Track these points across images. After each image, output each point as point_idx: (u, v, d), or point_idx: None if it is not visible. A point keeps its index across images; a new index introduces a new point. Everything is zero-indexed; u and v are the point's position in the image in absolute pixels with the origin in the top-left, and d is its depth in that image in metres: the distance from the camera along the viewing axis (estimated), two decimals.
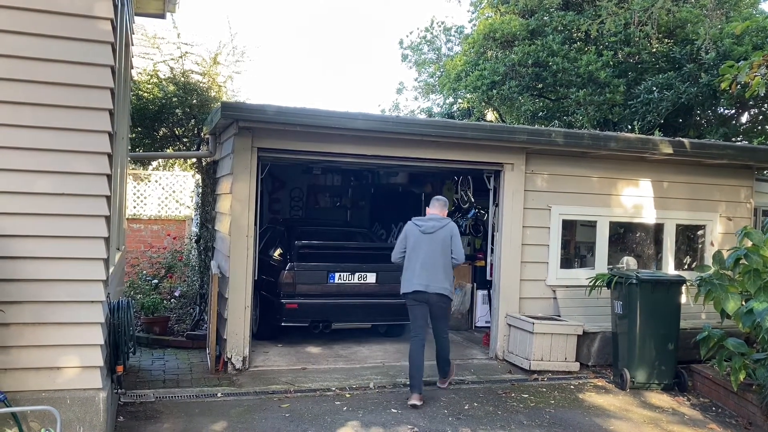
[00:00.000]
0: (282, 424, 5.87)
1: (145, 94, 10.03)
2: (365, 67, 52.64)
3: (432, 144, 8.11)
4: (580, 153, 8.72)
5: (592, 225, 9.10)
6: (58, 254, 4.70)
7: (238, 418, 5.98)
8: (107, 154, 4.82)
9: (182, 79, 10.24)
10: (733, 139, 15.05)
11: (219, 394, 6.65)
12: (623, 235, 9.80)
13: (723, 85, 7.45)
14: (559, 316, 8.50)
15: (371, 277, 8.99)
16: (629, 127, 14.88)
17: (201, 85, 10.31)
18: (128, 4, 6.67)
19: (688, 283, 7.77)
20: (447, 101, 21.00)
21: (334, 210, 13.48)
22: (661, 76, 14.27)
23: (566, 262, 9.10)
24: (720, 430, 6.32)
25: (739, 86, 7.41)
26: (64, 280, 4.71)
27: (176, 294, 10.79)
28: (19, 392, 4.62)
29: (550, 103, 17.31)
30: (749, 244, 6.84)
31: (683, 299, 7.72)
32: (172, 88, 10.07)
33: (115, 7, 4.90)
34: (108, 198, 4.86)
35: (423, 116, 22.06)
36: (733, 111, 15.95)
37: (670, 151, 8.66)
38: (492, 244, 8.87)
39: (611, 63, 14.98)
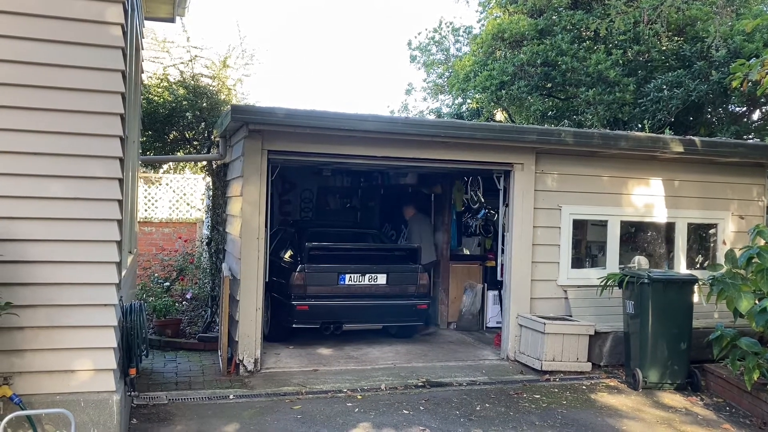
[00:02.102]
0: (294, 426, 5.88)
1: (156, 98, 10.08)
2: (374, 69, 52.71)
3: (441, 145, 8.11)
4: (590, 152, 8.70)
5: (603, 224, 9.07)
6: (71, 258, 4.74)
7: (250, 420, 6.00)
8: (119, 158, 4.86)
9: (192, 82, 10.29)
10: (745, 137, 14.94)
11: (231, 396, 6.68)
12: (634, 235, 9.76)
13: (734, 83, 7.42)
14: (571, 316, 8.47)
15: (382, 279, 9.00)
16: (639, 125, 14.80)
17: (211, 88, 10.35)
18: (138, 9, 6.71)
19: (701, 282, 7.72)
20: (456, 102, 20.97)
21: (344, 211, 13.48)
22: (671, 74, 14.18)
23: (577, 262, 9.07)
24: (734, 430, 6.28)
25: (750, 84, 7.38)
26: (77, 283, 4.75)
27: (188, 296, 10.84)
28: (34, 395, 4.67)
29: (559, 102, 17.25)
30: (762, 242, 6.80)
31: (695, 298, 7.69)
32: (182, 91, 10.11)
33: (126, 12, 4.94)
34: (120, 202, 4.89)
35: (432, 117, 22.05)
36: (745, 109, 15.84)
37: (680, 149, 8.62)
38: (502, 244, 8.86)
39: (621, 62, 14.91)
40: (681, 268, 9.21)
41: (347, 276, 8.86)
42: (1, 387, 4.54)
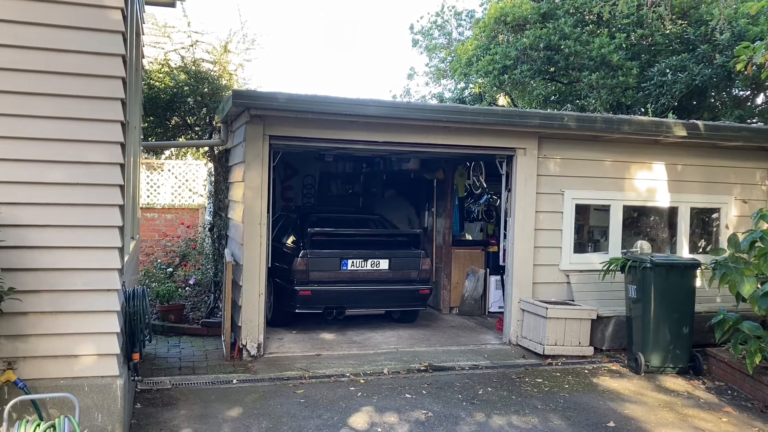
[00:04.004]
0: (297, 410, 5.91)
1: (157, 84, 10.05)
2: (376, 53, 52.43)
3: (443, 130, 8.08)
4: (593, 137, 8.66)
5: (605, 209, 9.06)
6: (74, 243, 4.75)
7: (254, 404, 6.03)
8: (120, 144, 4.85)
9: (193, 67, 10.25)
10: (749, 120, 14.85)
11: (234, 381, 6.71)
12: (637, 219, 9.75)
13: (738, 67, 7.36)
14: (573, 300, 8.48)
15: (384, 264, 9.01)
16: (642, 110, 14.73)
17: (212, 73, 10.31)
18: None
19: (703, 267, 7.72)
20: (458, 86, 20.89)
21: (347, 197, 13.48)
22: (674, 57, 14.09)
23: (580, 247, 9.07)
24: (736, 414, 6.30)
25: (754, 67, 7.31)
26: (80, 269, 4.76)
27: (191, 282, 10.87)
28: (38, 380, 4.69)
29: (562, 86, 17.16)
30: (765, 226, 6.78)
31: (698, 283, 7.68)
32: (183, 76, 10.08)
33: None
34: (121, 187, 4.89)
35: (434, 102, 21.97)
36: (749, 92, 15.74)
37: (684, 133, 8.58)
38: (505, 229, 8.85)
39: (624, 45, 14.81)
40: (683, 252, 9.21)
41: (350, 261, 8.87)
42: (5, 372, 4.57)
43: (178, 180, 15.01)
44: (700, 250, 9.63)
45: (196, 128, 10.38)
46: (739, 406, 6.52)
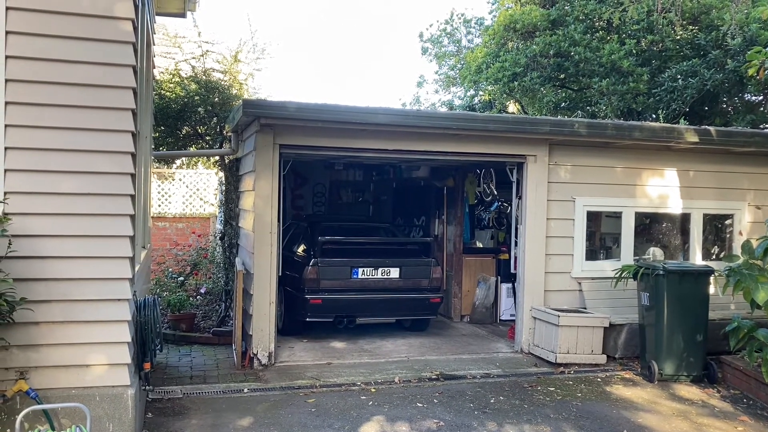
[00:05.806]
0: (308, 419, 5.89)
1: (168, 93, 10.11)
2: (385, 61, 52.58)
3: (453, 137, 8.07)
4: (603, 143, 8.62)
5: (617, 216, 9.00)
6: (85, 253, 4.76)
7: (265, 414, 6.01)
8: (131, 154, 4.87)
9: (204, 77, 10.31)
10: (761, 126, 14.76)
11: (245, 390, 6.70)
12: (649, 226, 9.68)
13: (750, 72, 7.32)
14: (585, 308, 8.42)
15: (395, 272, 8.98)
16: (653, 116, 14.68)
17: (222, 83, 10.37)
18: (149, 3, 6.72)
19: (717, 274, 7.65)
20: (468, 94, 20.91)
21: (357, 205, 13.49)
22: (685, 63, 14.04)
23: (591, 254, 9.01)
24: (752, 423, 6.22)
25: (766, 72, 7.26)
26: (91, 278, 4.77)
27: (202, 291, 10.89)
28: (50, 389, 4.70)
29: (572, 93, 17.13)
30: None
31: (711, 290, 7.61)
32: (193, 86, 10.13)
33: (136, 7, 4.94)
34: (132, 197, 4.90)
35: (444, 109, 21.99)
36: (761, 97, 15.65)
37: (695, 139, 8.53)
38: (516, 236, 8.82)
39: (634, 51, 14.78)
40: (696, 259, 9.13)
41: (360, 270, 8.86)
42: (17, 381, 4.58)
43: (189, 189, 15.07)
44: (714, 256, 9.53)
45: (207, 137, 10.43)
46: (755, 415, 6.43)
